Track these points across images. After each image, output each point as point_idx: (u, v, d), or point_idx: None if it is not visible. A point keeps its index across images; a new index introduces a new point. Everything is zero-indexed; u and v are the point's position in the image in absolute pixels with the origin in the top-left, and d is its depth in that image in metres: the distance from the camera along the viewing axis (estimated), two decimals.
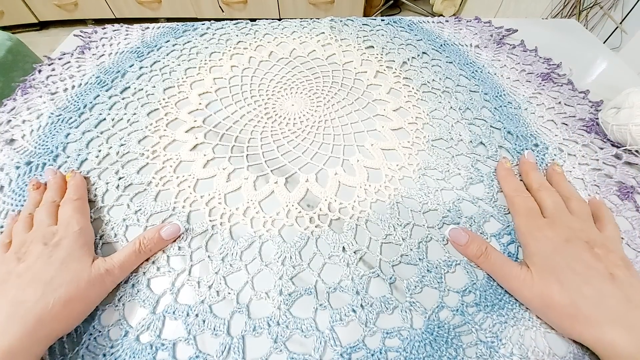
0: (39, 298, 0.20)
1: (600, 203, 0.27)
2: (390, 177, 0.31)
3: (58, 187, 0.28)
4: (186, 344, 0.22)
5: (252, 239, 0.27)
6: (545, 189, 0.27)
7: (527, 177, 0.29)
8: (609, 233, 0.24)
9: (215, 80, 0.41)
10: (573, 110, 0.37)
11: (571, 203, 0.26)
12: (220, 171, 0.31)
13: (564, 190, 0.27)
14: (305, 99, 0.39)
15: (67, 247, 0.23)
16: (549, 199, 0.26)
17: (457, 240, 0.25)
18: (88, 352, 0.21)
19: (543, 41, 0.45)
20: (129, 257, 0.24)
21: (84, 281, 0.21)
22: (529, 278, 0.21)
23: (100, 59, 0.43)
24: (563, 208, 0.25)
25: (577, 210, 0.25)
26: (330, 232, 0.27)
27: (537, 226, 0.24)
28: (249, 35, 0.47)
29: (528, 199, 0.27)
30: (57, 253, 0.22)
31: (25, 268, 0.22)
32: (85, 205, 0.28)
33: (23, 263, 0.22)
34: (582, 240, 0.22)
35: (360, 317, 0.22)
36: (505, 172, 0.30)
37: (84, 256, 0.23)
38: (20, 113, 0.36)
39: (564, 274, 0.21)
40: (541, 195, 0.26)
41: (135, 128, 0.35)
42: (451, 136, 0.34)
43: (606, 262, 0.21)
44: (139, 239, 0.25)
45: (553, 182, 0.29)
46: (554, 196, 0.26)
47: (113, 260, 0.23)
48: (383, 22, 0.50)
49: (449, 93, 0.39)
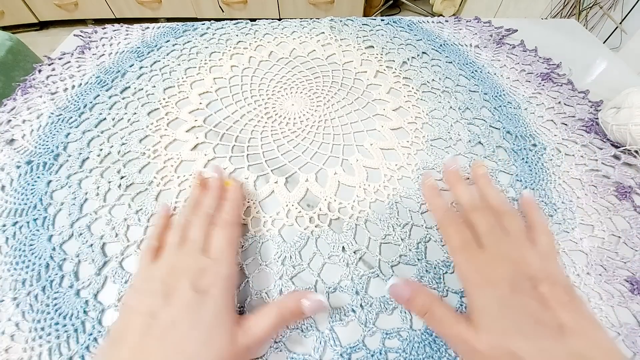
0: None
1: (531, 204, 0.26)
2: (389, 176, 0.31)
3: (217, 195, 0.26)
4: None
5: (252, 238, 0.27)
6: (477, 210, 0.24)
7: (455, 192, 0.27)
8: (544, 247, 0.22)
9: (215, 80, 0.41)
10: (573, 110, 0.37)
11: (504, 219, 0.23)
12: None
13: (492, 199, 0.25)
14: (305, 99, 0.39)
15: (214, 305, 0.20)
16: (483, 221, 0.23)
17: (399, 297, 0.22)
18: (88, 352, 0.21)
19: (543, 41, 0.45)
20: (269, 333, 0.20)
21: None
22: (478, 344, 0.19)
23: (101, 59, 0.43)
24: (498, 232, 0.23)
25: (511, 227, 0.23)
26: (330, 232, 0.27)
27: (477, 267, 0.21)
28: (249, 35, 0.47)
29: (461, 228, 0.23)
30: (204, 311, 0.20)
31: (170, 323, 0.19)
32: (239, 234, 0.25)
33: (169, 310, 0.19)
34: (525, 278, 0.20)
35: (360, 317, 0.23)
36: (430, 192, 0.27)
37: (228, 323, 0.20)
38: (21, 113, 0.36)
39: (514, 339, 0.18)
40: (473, 217, 0.24)
41: (136, 127, 0.35)
42: (450, 136, 0.34)
43: (553, 306, 0.19)
44: (281, 313, 0.21)
45: (479, 186, 0.27)
46: (487, 217, 0.23)
47: (254, 335, 0.20)
48: (383, 22, 0.50)
49: (449, 93, 0.39)
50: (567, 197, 0.29)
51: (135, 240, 0.26)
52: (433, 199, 0.27)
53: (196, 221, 0.24)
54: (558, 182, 0.31)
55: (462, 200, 0.26)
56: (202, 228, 0.24)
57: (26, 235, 0.27)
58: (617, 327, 0.22)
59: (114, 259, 0.25)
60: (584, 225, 0.28)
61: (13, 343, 0.22)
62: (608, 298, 0.24)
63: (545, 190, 0.30)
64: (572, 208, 0.29)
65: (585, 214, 0.28)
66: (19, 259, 0.25)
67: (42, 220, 0.28)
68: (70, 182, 0.30)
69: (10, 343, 0.22)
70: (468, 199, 0.25)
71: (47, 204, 0.29)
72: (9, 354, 0.21)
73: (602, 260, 0.25)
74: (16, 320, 0.23)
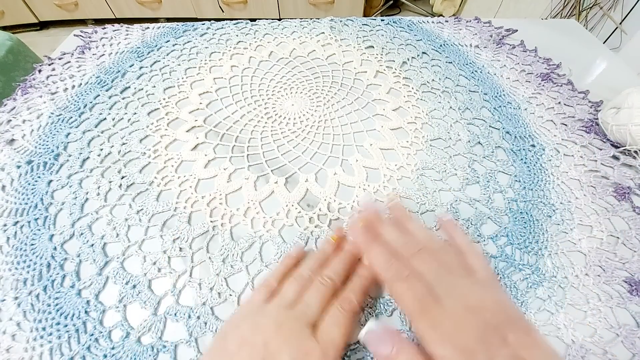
0: None
1: (451, 226, 0.24)
2: (388, 177, 0.31)
3: (350, 264, 0.23)
4: (188, 346, 0.22)
5: (253, 239, 0.27)
6: (416, 256, 0.21)
7: (387, 236, 0.23)
8: (482, 274, 0.21)
9: (215, 80, 0.41)
10: (572, 111, 0.37)
11: (440, 257, 0.22)
12: (221, 171, 0.31)
13: (422, 238, 0.23)
14: (305, 99, 0.39)
15: None
16: (426, 267, 0.21)
17: (377, 349, 0.19)
18: (89, 352, 0.21)
19: (543, 41, 0.45)
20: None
21: None
22: None
23: (101, 59, 0.43)
24: (445, 276, 0.20)
25: (452, 264, 0.21)
26: (331, 232, 0.27)
27: (442, 331, 0.18)
28: (249, 35, 0.48)
29: (412, 283, 0.20)
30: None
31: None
32: (356, 324, 0.21)
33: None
34: (492, 330, 0.18)
35: (359, 318, 0.23)
36: (365, 238, 0.23)
37: None
38: (21, 113, 0.36)
39: None
40: (416, 264, 0.21)
41: (136, 127, 0.35)
42: (450, 136, 0.34)
43: (523, 355, 0.17)
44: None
45: (402, 225, 0.24)
46: (430, 262, 0.21)
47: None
48: (383, 22, 0.50)
49: (449, 93, 0.39)
50: (566, 197, 0.29)
51: (137, 241, 0.26)
52: (370, 247, 0.22)
53: (318, 284, 0.22)
54: (557, 182, 0.31)
55: (398, 248, 0.22)
56: (322, 296, 0.21)
57: (27, 234, 0.27)
58: (616, 328, 0.22)
59: (115, 259, 0.25)
60: (582, 226, 0.28)
61: (14, 343, 0.22)
62: (607, 299, 0.24)
63: (544, 191, 0.30)
64: (571, 209, 0.29)
65: (584, 214, 0.28)
66: (20, 258, 0.26)
67: (43, 220, 0.28)
68: (71, 181, 0.30)
69: (12, 343, 0.22)
70: (400, 245, 0.22)
71: (48, 203, 0.29)
72: (10, 353, 0.21)
73: (600, 261, 0.26)
74: (17, 319, 0.23)
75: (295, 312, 0.20)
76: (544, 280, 0.24)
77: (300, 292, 0.22)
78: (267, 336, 0.19)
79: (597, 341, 0.22)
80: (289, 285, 0.22)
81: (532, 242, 0.26)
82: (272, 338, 0.19)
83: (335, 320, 0.20)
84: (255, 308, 0.21)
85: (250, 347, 0.19)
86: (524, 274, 0.25)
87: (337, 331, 0.20)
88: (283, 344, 0.19)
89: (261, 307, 0.21)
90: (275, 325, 0.20)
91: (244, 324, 0.20)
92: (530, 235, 0.27)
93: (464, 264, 0.22)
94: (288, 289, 0.22)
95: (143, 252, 0.26)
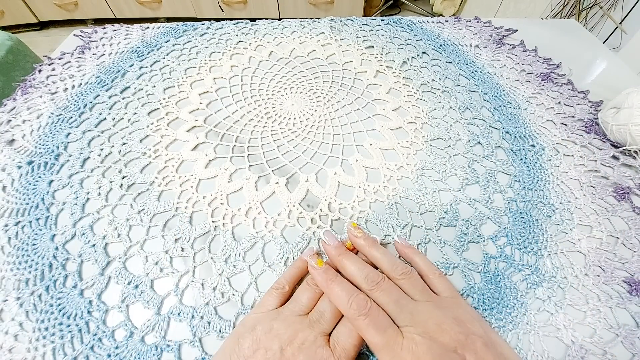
0: None
1: (408, 250, 0.25)
2: (388, 177, 0.31)
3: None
4: (191, 345, 0.22)
5: (255, 239, 0.27)
6: (376, 288, 0.21)
7: (344, 270, 0.23)
8: (446, 295, 0.22)
9: (215, 80, 0.41)
10: (572, 111, 0.37)
11: (403, 284, 0.22)
12: (222, 171, 0.31)
13: (384, 265, 0.23)
14: (305, 99, 0.39)
15: None
16: (388, 299, 0.21)
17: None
18: (93, 352, 0.21)
19: (543, 41, 0.45)
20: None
21: None
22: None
23: (101, 59, 0.43)
24: (407, 305, 0.21)
25: (414, 291, 0.22)
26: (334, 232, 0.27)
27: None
28: (249, 35, 0.48)
29: (372, 315, 0.20)
30: None
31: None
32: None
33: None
34: (448, 351, 0.18)
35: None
36: (324, 277, 0.22)
37: None
38: (21, 113, 0.36)
39: None
40: (376, 296, 0.21)
41: (137, 127, 0.35)
42: (449, 136, 0.35)
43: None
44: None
45: (365, 254, 0.24)
46: (391, 293, 0.21)
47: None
48: (383, 22, 0.50)
49: (449, 93, 0.39)
50: (566, 197, 0.30)
51: (138, 241, 0.27)
52: (330, 286, 0.22)
53: (327, 305, 0.22)
54: (556, 182, 0.31)
55: (358, 281, 0.22)
56: (333, 316, 0.21)
57: (29, 234, 0.27)
58: (616, 328, 0.22)
59: (117, 259, 0.26)
60: (582, 226, 0.28)
61: (17, 343, 0.22)
62: (606, 299, 0.24)
63: (543, 191, 0.30)
64: (571, 209, 0.29)
65: (583, 214, 0.28)
66: (22, 258, 0.26)
67: (44, 220, 0.28)
68: (72, 181, 0.30)
69: (14, 343, 0.22)
70: (361, 279, 0.22)
71: (49, 203, 0.29)
72: (12, 354, 0.21)
73: (600, 261, 0.26)
74: (20, 320, 0.23)
75: (310, 320, 0.21)
76: (544, 280, 0.24)
77: (315, 298, 0.22)
78: (283, 342, 0.19)
79: (596, 341, 0.22)
80: (303, 291, 0.23)
81: (531, 242, 0.27)
82: (288, 344, 0.19)
83: (349, 330, 0.21)
84: (270, 312, 0.21)
85: (265, 350, 0.19)
86: (523, 275, 0.25)
87: (350, 342, 0.20)
88: (298, 351, 0.19)
89: (276, 312, 0.21)
90: (291, 331, 0.20)
91: (259, 328, 0.20)
92: (530, 235, 0.27)
93: (425, 287, 0.22)
94: (302, 295, 0.22)
95: (145, 252, 0.26)
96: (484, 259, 0.26)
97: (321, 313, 0.21)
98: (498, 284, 0.24)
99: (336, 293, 0.21)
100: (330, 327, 0.21)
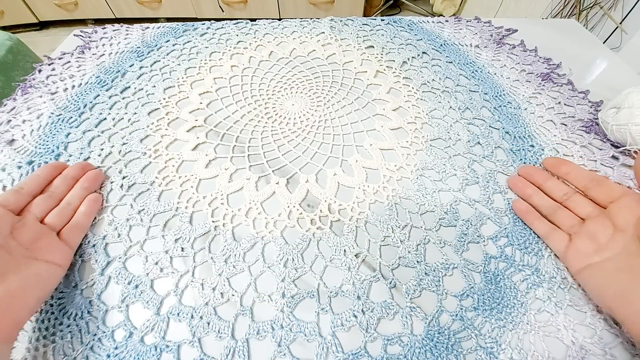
0: None
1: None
2: (388, 177, 0.31)
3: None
4: (191, 346, 0.22)
5: (255, 240, 0.27)
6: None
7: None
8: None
9: (215, 79, 0.41)
10: (573, 111, 0.37)
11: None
12: (223, 171, 0.31)
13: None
14: (305, 99, 0.39)
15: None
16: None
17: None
18: (92, 352, 0.21)
19: (543, 41, 0.45)
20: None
21: None
22: None
23: (101, 59, 0.43)
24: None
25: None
26: (332, 234, 0.27)
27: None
28: (249, 35, 0.47)
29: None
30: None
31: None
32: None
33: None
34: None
35: (361, 322, 0.23)
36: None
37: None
38: (21, 113, 0.36)
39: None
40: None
41: (137, 127, 0.35)
42: (449, 136, 0.35)
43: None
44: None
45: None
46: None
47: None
48: (383, 22, 0.50)
49: (449, 93, 0.39)
50: None
51: (138, 241, 0.26)
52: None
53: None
54: None
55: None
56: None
57: None
58: (616, 329, 0.22)
59: (117, 259, 0.25)
60: None
61: (17, 343, 0.22)
62: None
63: None
64: None
65: None
66: None
67: None
68: None
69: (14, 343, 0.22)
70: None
71: None
72: (12, 353, 0.21)
73: None
74: None
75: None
76: (544, 281, 0.24)
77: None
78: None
79: (597, 342, 0.22)
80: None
81: (532, 242, 0.27)
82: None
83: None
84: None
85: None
86: (524, 275, 0.25)
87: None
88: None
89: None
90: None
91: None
92: (531, 236, 0.27)
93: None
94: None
95: (145, 252, 0.26)
96: (484, 259, 0.26)
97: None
98: (498, 284, 0.24)
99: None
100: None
